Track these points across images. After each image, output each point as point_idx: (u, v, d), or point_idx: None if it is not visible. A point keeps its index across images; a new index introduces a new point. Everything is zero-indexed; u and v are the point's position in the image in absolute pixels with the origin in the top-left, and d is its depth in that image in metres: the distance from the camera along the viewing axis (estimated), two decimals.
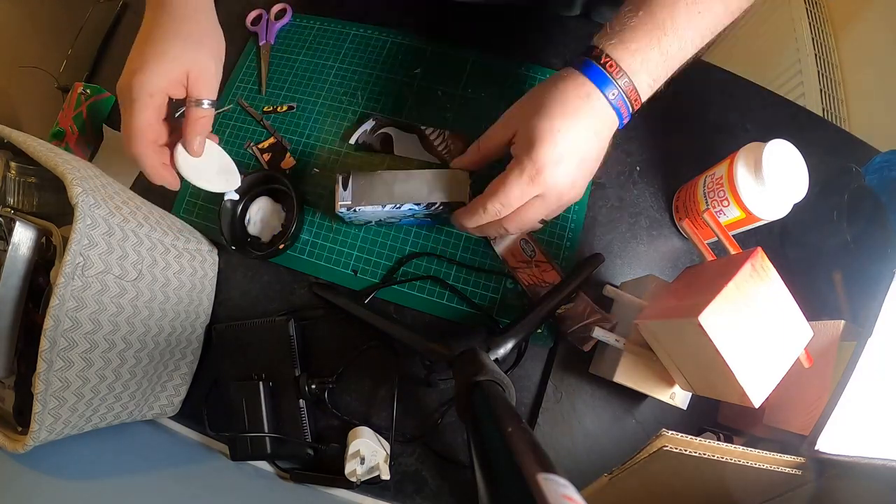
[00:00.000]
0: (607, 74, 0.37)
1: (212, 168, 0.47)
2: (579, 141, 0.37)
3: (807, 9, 1.01)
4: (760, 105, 0.60)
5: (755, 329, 0.35)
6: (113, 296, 0.41)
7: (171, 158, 0.45)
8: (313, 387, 0.50)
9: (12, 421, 0.43)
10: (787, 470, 0.35)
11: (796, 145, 0.44)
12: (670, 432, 0.34)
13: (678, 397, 0.44)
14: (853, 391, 0.36)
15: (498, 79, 0.60)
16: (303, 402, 0.50)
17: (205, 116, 0.42)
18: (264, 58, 0.64)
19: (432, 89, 0.60)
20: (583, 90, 0.37)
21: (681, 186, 0.54)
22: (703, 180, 0.49)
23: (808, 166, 0.43)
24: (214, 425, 0.52)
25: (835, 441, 0.36)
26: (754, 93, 0.61)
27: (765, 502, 0.39)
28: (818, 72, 0.95)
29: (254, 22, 0.66)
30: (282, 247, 0.53)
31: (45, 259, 0.45)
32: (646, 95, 0.39)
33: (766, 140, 0.43)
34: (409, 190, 0.47)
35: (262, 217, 0.56)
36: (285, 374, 0.50)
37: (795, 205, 0.44)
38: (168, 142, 0.45)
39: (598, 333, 0.44)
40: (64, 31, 0.70)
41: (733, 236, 0.42)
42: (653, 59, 0.37)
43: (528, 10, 0.63)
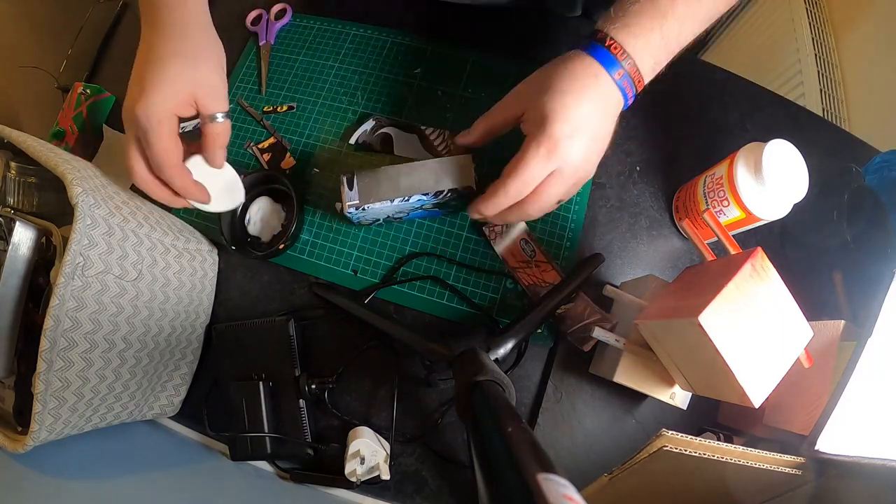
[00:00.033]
0: (613, 56, 0.38)
1: (219, 185, 0.46)
2: (590, 117, 0.39)
3: (807, 9, 1.01)
4: (760, 105, 0.60)
5: (755, 329, 0.35)
6: (113, 296, 0.41)
7: None
8: (313, 387, 0.50)
9: (12, 421, 0.43)
10: (787, 470, 0.35)
11: (796, 145, 0.44)
12: (670, 432, 0.34)
13: (678, 397, 0.44)
14: (853, 391, 0.36)
15: (498, 79, 0.60)
16: (303, 402, 0.50)
17: (222, 130, 0.42)
18: (264, 58, 0.64)
19: (432, 89, 0.60)
20: (590, 70, 0.39)
21: (681, 186, 0.54)
22: (703, 180, 0.49)
23: (808, 166, 0.43)
24: (214, 425, 0.52)
25: (835, 441, 0.36)
26: (754, 93, 0.61)
27: (765, 502, 0.39)
28: (818, 72, 0.95)
29: (254, 22, 0.66)
30: (282, 247, 0.53)
31: (45, 259, 0.45)
32: (648, 77, 0.40)
33: (766, 140, 0.43)
34: (415, 181, 0.47)
35: (262, 217, 0.56)
36: (285, 374, 0.50)
37: (795, 205, 0.44)
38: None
39: (598, 333, 0.44)
40: (64, 31, 0.70)
41: (733, 236, 0.42)
42: (654, 43, 0.39)
43: (528, 10, 0.63)
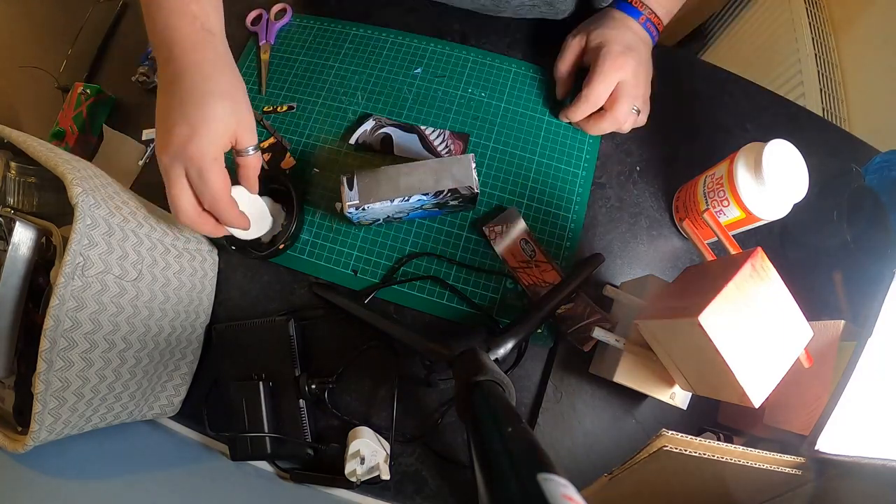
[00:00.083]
0: (635, 7, 0.54)
1: (254, 212, 0.48)
2: (632, 41, 0.53)
3: (807, 9, 1.01)
4: (760, 105, 0.60)
5: (755, 329, 0.35)
6: (113, 296, 0.41)
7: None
8: (313, 387, 0.50)
9: (12, 421, 0.43)
10: (787, 470, 0.36)
11: (796, 145, 0.44)
12: (670, 432, 0.34)
13: (678, 397, 0.44)
14: (853, 391, 0.36)
15: (498, 78, 0.60)
16: (303, 402, 0.50)
17: (254, 160, 0.45)
18: (264, 58, 0.64)
19: (432, 89, 0.60)
20: (622, 16, 0.54)
21: (681, 186, 0.54)
22: (703, 180, 0.49)
23: (808, 166, 0.43)
24: (214, 425, 0.52)
25: (835, 441, 0.36)
26: (754, 93, 0.61)
27: (765, 502, 0.39)
28: (818, 72, 0.95)
29: (254, 22, 0.66)
30: (282, 247, 0.53)
31: (45, 259, 0.45)
32: (666, 20, 0.56)
33: (766, 140, 0.43)
34: (415, 181, 0.47)
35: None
36: (285, 374, 0.50)
37: (795, 205, 0.44)
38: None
39: (598, 333, 0.44)
40: (64, 31, 0.70)
41: (733, 236, 0.42)
42: None
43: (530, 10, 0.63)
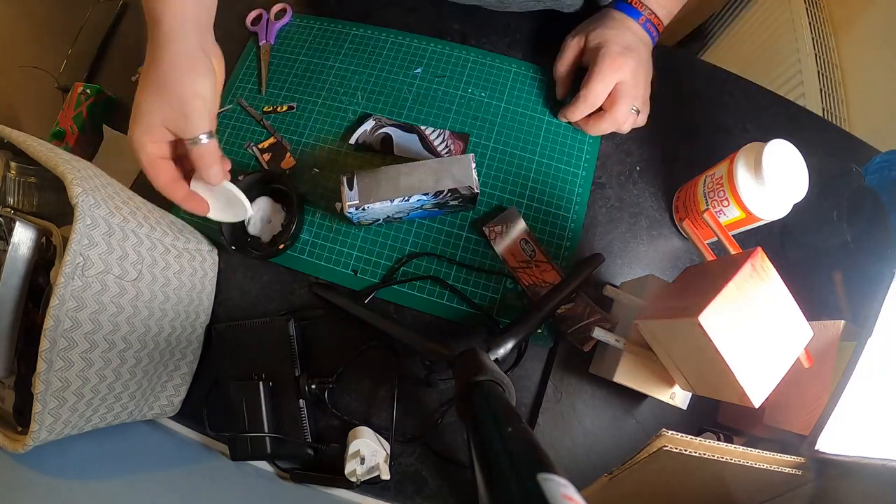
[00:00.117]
0: (635, 9, 0.53)
1: (221, 201, 0.47)
2: (632, 41, 0.51)
3: (807, 9, 1.01)
4: (760, 105, 0.60)
5: (755, 329, 0.35)
6: (113, 296, 0.41)
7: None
8: (313, 387, 0.50)
9: (12, 421, 0.43)
10: (787, 470, 0.35)
11: (796, 145, 0.44)
12: (670, 432, 0.34)
13: (678, 397, 0.44)
14: (853, 391, 0.36)
15: (498, 78, 0.60)
16: (303, 402, 0.50)
17: (205, 151, 0.41)
18: (264, 58, 0.64)
19: (432, 89, 0.60)
20: (622, 16, 0.53)
21: (681, 186, 0.54)
22: (703, 180, 0.49)
23: (808, 166, 0.43)
24: (214, 425, 0.52)
25: (835, 441, 0.36)
26: (754, 93, 0.61)
27: (765, 502, 0.39)
28: (818, 72, 0.95)
29: (254, 22, 0.66)
30: (282, 247, 0.53)
31: (45, 259, 0.45)
32: (666, 21, 0.55)
33: (766, 140, 0.43)
34: (415, 181, 0.47)
35: (262, 217, 0.56)
36: (285, 374, 0.50)
37: (795, 205, 0.44)
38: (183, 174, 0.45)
39: (598, 333, 0.44)
40: (64, 31, 0.70)
41: (733, 236, 0.42)
42: None
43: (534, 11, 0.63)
